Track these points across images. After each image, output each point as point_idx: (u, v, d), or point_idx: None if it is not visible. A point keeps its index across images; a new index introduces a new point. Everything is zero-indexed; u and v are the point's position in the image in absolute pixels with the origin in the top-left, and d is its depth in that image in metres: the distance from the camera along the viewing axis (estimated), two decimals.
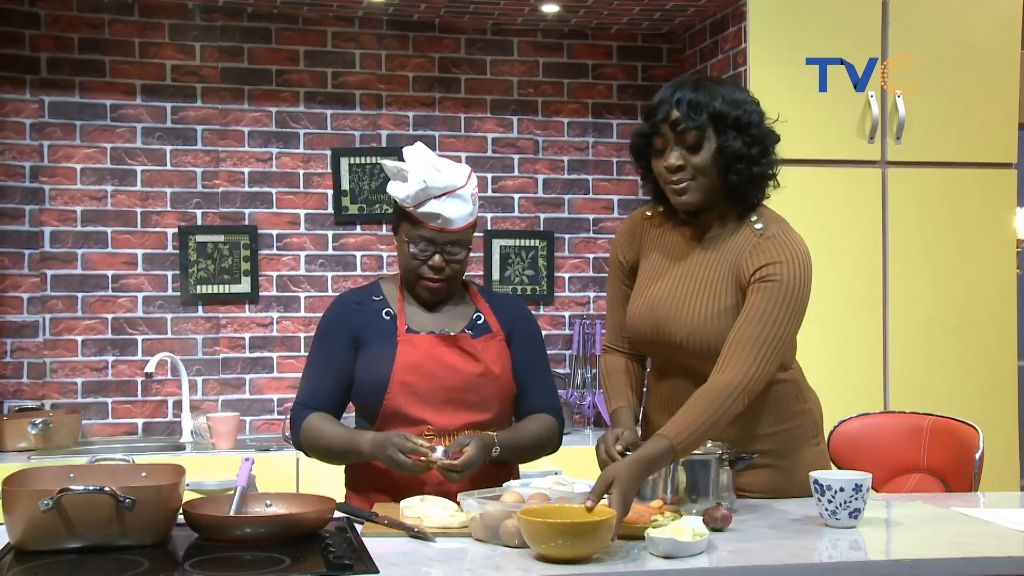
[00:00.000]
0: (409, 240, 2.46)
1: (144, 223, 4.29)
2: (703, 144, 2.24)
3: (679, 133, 2.24)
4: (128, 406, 4.27)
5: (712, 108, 2.23)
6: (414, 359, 2.44)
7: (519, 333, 2.57)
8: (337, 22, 4.43)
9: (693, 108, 2.23)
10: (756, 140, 2.26)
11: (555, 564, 1.84)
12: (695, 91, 2.25)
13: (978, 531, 2.10)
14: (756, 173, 2.26)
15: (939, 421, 2.85)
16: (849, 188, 4.01)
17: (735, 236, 2.32)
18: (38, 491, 1.92)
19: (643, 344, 2.44)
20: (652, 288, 2.39)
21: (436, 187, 2.41)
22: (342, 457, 2.47)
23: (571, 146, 4.65)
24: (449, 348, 2.46)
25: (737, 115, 2.24)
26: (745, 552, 1.92)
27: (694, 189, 2.27)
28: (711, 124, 2.23)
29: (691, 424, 2.12)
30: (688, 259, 2.37)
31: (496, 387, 2.48)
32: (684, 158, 2.25)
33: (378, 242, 4.47)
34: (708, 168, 2.25)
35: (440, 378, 2.43)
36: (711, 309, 2.29)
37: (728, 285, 2.30)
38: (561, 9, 4.34)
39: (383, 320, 2.50)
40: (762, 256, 2.25)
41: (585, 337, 4.55)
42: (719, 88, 2.27)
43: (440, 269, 2.46)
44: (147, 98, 4.30)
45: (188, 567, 1.86)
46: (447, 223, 2.43)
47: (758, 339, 2.19)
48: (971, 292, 4.09)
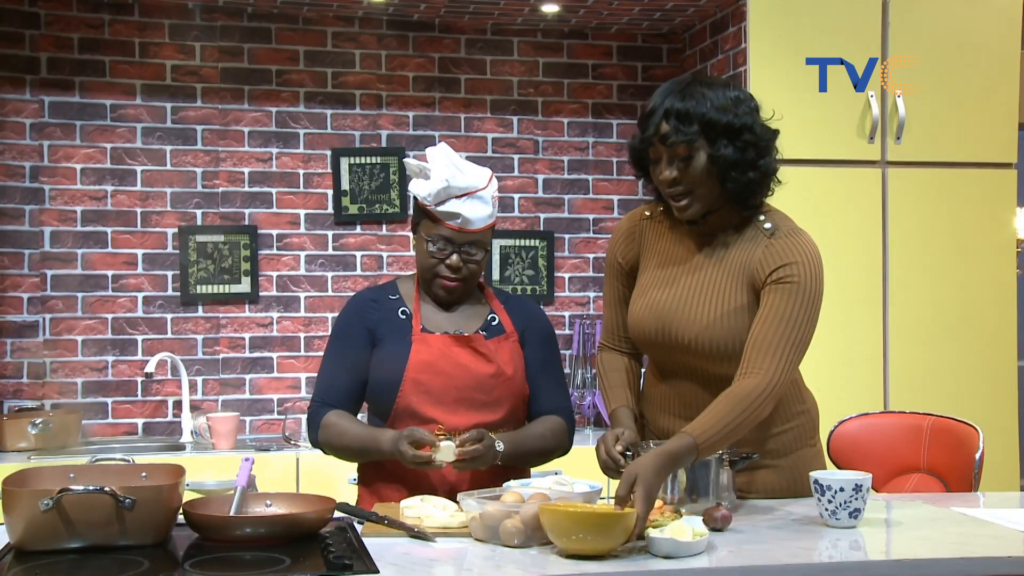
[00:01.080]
0: (428, 239, 2.47)
1: (144, 223, 4.29)
2: (694, 155, 2.22)
3: (669, 147, 2.23)
4: (128, 406, 4.27)
5: (701, 117, 2.20)
6: (427, 358, 2.45)
7: (532, 334, 2.58)
8: (337, 22, 4.43)
9: (681, 120, 2.21)
10: (749, 144, 2.23)
11: (558, 563, 1.84)
12: (683, 99, 2.22)
13: (978, 531, 2.10)
14: (753, 177, 2.24)
15: (939, 421, 2.85)
16: (849, 188, 4.00)
17: (742, 236, 2.31)
18: (38, 491, 1.92)
19: (647, 346, 2.43)
20: (656, 290, 2.38)
21: (457, 187, 2.43)
22: (361, 455, 2.48)
23: (571, 146, 4.65)
24: (462, 348, 2.47)
25: (727, 121, 2.21)
26: (745, 552, 1.92)
27: (693, 201, 2.26)
28: (701, 134, 2.21)
29: (716, 424, 2.12)
30: (693, 260, 2.36)
31: (508, 388, 2.49)
32: (678, 170, 2.24)
33: (378, 242, 4.47)
34: (702, 178, 2.23)
35: (453, 378, 2.44)
36: (720, 309, 2.28)
37: (739, 285, 2.29)
38: (561, 9, 4.33)
39: (399, 319, 2.51)
40: (777, 257, 2.25)
41: (585, 337, 4.55)
42: (708, 93, 2.23)
43: (457, 269, 2.47)
44: (147, 98, 4.30)
45: (188, 567, 1.86)
46: (467, 223, 2.44)
47: (781, 342, 2.19)
48: (971, 292, 4.09)
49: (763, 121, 2.29)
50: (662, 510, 2.00)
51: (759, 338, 2.20)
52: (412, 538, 2.04)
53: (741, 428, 2.15)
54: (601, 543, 1.85)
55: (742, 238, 2.31)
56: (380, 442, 2.37)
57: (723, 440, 2.14)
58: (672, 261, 2.39)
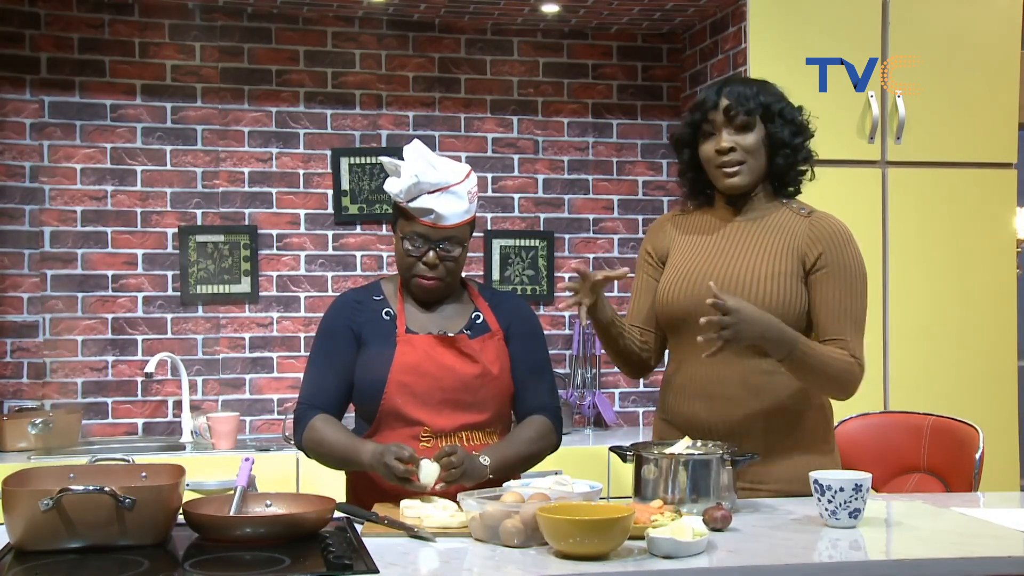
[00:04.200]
0: (404, 236, 2.48)
1: (144, 223, 4.29)
2: (752, 128, 2.42)
3: (730, 117, 2.41)
4: (128, 406, 4.27)
5: (760, 98, 2.43)
6: (412, 360, 2.44)
7: (517, 331, 2.57)
8: (337, 22, 4.43)
9: (743, 97, 2.41)
10: (799, 130, 2.46)
11: (558, 563, 1.84)
12: (743, 85, 2.45)
13: (978, 531, 2.10)
14: (799, 159, 2.46)
15: (939, 421, 2.85)
16: (849, 188, 4.00)
17: (778, 214, 2.47)
18: (38, 491, 1.92)
19: (676, 320, 2.47)
20: (689, 264, 2.48)
21: (428, 182, 2.42)
22: (342, 464, 2.46)
23: (571, 146, 4.65)
24: (447, 349, 2.46)
25: (782, 107, 2.45)
26: (745, 552, 1.92)
27: (744, 171, 2.43)
28: (760, 111, 2.42)
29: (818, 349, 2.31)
30: (726, 233, 2.49)
31: (494, 387, 2.48)
32: (734, 141, 2.41)
33: (378, 242, 4.47)
34: (757, 150, 2.43)
35: (437, 379, 2.44)
36: (762, 272, 2.40)
37: (782, 252, 2.42)
38: (561, 9, 4.34)
39: (383, 320, 2.50)
40: (821, 241, 2.41)
41: (585, 337, 4.55)
42: (764, 84, 2.49)
43: (434, 266, 2.46)
44: (147, 98, 4.30)
45: (188, 567, 1.86)
46: (439, 219, 2.44)
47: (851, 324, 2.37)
48: (971, 292, 4.09)
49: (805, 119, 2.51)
50: (662, 510, 2.00)
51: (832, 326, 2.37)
52: (412, 538, 2.04)
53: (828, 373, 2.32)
54: (599, 546, 1.85)
55: (779, 216, 2.47)
56: (360, 453, 2.35)
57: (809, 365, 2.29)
58: (706, 242, 2.50)
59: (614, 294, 4.64)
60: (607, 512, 1.91)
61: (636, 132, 4.69)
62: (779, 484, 2.42)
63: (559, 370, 4.51)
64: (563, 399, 4.28)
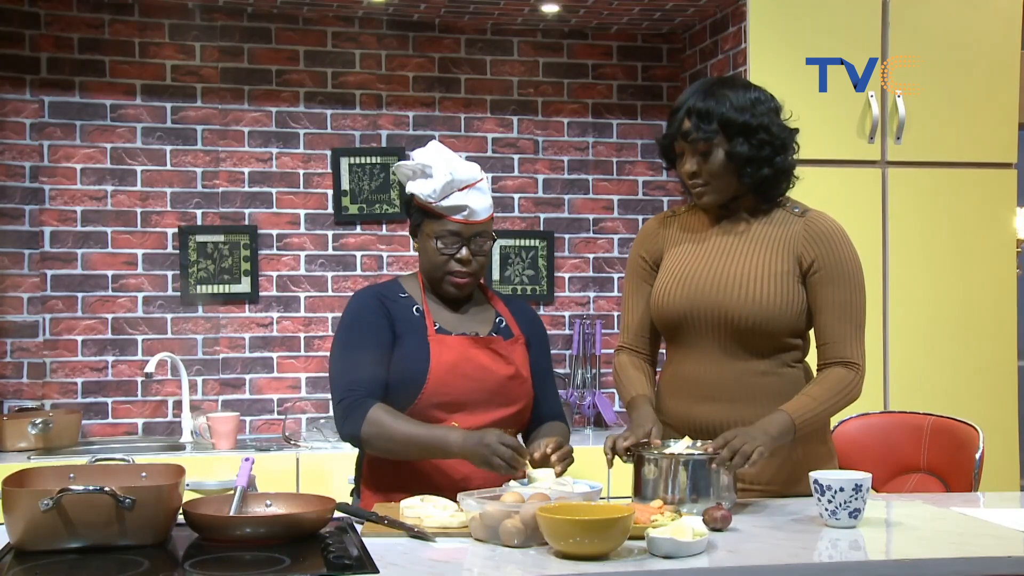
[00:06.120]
0: (435, 236, 2.47)
1: (144, 223, 4.29)
2: (713, 151, 2.38)
3: (691, 143, 2.39)
4: (128, 406, 4.27)
5: (720, 116, 2.37)
6: (450, 359, 2.44)
7: (534, 339, 2.61)
8: (337, 22, 4.43)
9: (702, 118, 2.37)
10: (765, 142, 2.38)
11: (558, 563, 1.84)
12: (705, 99, 2.39)
13: (978, 531, 2.10)
14: (767, 173, 2.39)
15: (939, 421, 2.85)
16: (849, 188, 4.00)
17: (772, 216, 2.46)
18: (38, 491, 1.92)
19: (671, 322, 2.46)
20: (684, 265, 2.46)
21: (461, 179, 2.45)
22: (421, 452, 2.37)
23: (571, 146, 4.65)
24: (481, 350, 2.48)
25: (744, 121, 2.37)
26: (745, 552, 1.92)
27: (711, 192, 2.42)
28: (720, 132, 2.37)
29: (811, 405, 2.31)
30: (723, 238, 2.46)
31: (523, 389, 2.52)
32: (698, 164, 2.40)
33: (378, 242, 4.47)
34: (720, 172, 2.39)
35: (476, 380, 2.45)
36: (758, 272, 2.39)
37: (777, 252, 2.41)
38: (561, 9, 4.33)
39: (414, 316, 2.50)
40: (816, 242, 2.40)
41: (585, 337, 4.54)
42: (729, 94, 2.39)
43: (467, 262, 2.47)
44: (147, 98, 4.30)
45: (188, 567, 1.86)
46: (472, 214, 2.46)
47: (851, 326, 2.38)
48: (971, 292, 4.09)
49: (781, 121, 2.45)
50: (662, 510, 2.00)
51: (831, 329, 2.38)
52: (412, 538, 2.04)
53: (832, 411, 2.35)
54: (599, 546, 1.85)
55: (772, 218, 2.46)
56: (448, 441, 2.32)
57: (816, 421, 2.32)
58: (700, 243, 2.49)
59: (613, 294, 4.65)
60: (607, 512, 1.91)
61: (636, 132, 4.69)
62: (778, 484, 2.42)
63: (559, 370, 4.51)
64: (563, 399, 4.27)
